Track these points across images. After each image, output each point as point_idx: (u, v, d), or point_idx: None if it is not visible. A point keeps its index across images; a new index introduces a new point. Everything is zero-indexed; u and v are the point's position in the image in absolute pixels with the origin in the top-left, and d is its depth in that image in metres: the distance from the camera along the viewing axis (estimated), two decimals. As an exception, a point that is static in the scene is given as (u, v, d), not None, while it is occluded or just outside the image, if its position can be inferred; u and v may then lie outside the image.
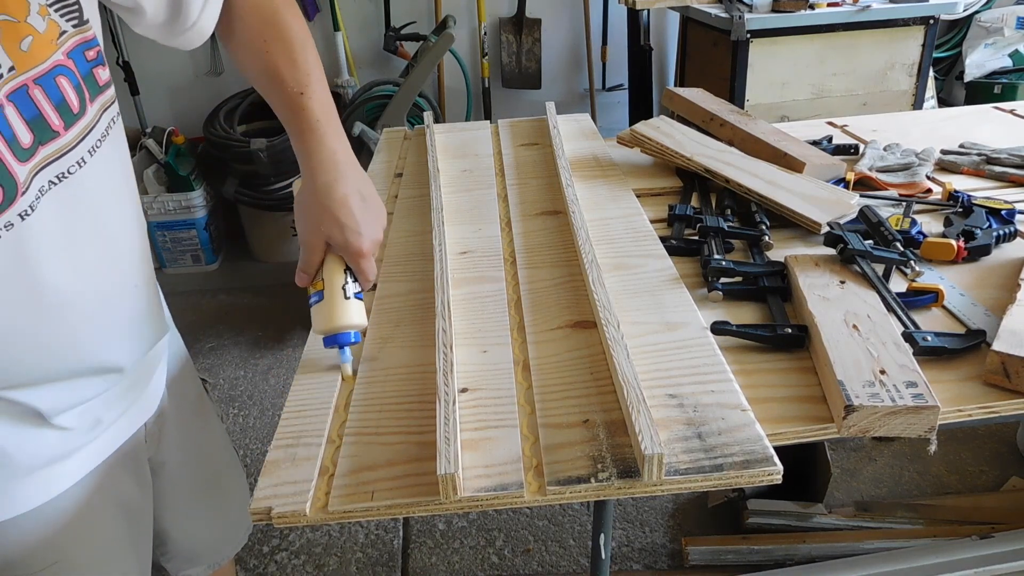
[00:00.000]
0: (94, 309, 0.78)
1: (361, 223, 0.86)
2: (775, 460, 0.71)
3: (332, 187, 0.85)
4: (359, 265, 0.87)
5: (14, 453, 0.76)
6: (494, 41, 3.69)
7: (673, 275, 1.05)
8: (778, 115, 2.81)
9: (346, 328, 0.88)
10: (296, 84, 0.86)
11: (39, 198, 0.68)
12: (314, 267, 0.88)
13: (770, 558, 1.74)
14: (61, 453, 0.81)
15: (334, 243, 0.86)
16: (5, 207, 0.64)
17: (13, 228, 0.65)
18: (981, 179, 1.45)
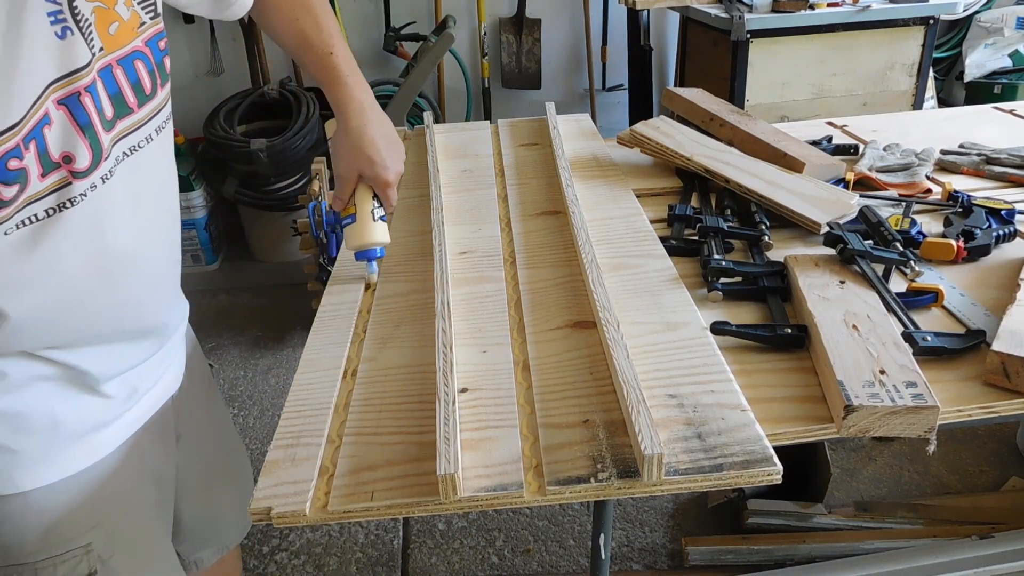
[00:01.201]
0: (150, 272, 0.86)
1: (387, 158, 1.04)
2: (775, 460, 0.71)
3: (363, 130, 1.03)
4: (385, 193, 1.06)
5: (64, 419, 0.83)
6: (494, 41, 3.69)
7: (673, 275, 1.05)
8: (778, 115, 2.81)
9: (375, 244, 1.07)
10: (324, 46, 1.02)
11: (116, 166, 0.76)
12: (348, 195, 1.07)
13: (770, 558, 1.74)
14: (103, 421, 0.88)
15: (364, 175, 1.05)
16: (92, 170, 0.72)
17: (95, 191, 0.73)
18: (981, 179, 1.45)
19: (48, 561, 0.85)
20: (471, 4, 3.59)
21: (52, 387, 0.82)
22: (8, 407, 0.80)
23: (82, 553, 0.87)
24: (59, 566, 0.86)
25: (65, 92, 0.69)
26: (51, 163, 0.69)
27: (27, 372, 0.80)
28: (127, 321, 0.86)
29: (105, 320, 0.83)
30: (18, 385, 0.80)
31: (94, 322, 0.82)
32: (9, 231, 0.69)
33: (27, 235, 0.70)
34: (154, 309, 0.91)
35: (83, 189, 0.72)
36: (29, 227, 0.70)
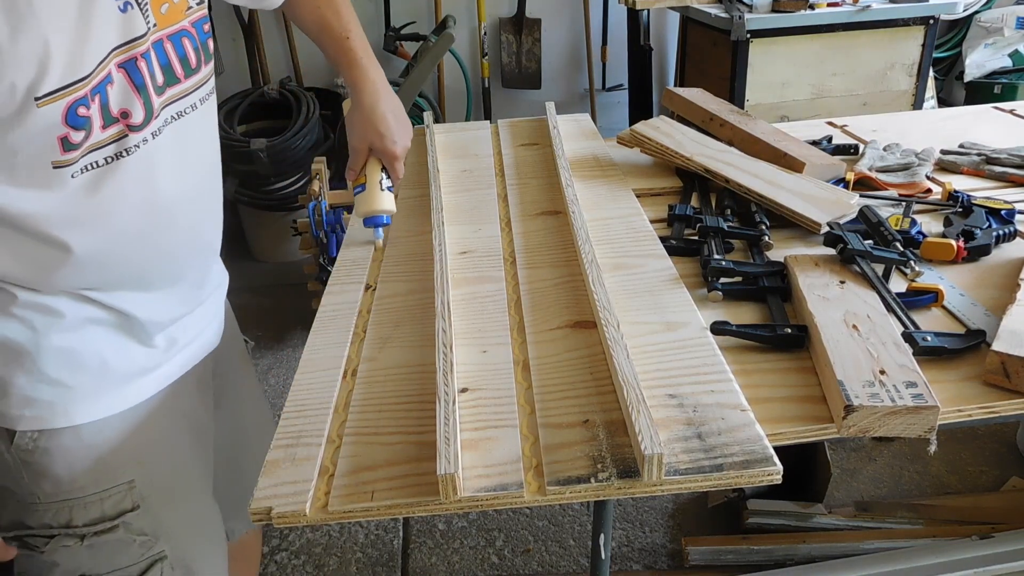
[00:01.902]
0: (190, 225, 0.96)
1: (396, 133, 1.16)
2: (775, 460, 0.71)
3: (375, 107, 1.14)
4: (393, 165, 1.18)
5: (112, 361, 0.93)
6: (494, 41, 3.69)
7: (673, 275, 1.05)
8: (778, 115, 2.81)
9: (382, 212, 1.18)
10: (342, 30, 1.14)
11: (164, 126, 0.87)
12: (359, 166, 1.18)
13: (770, 558, 1.74)
14: (146, 367, 0.97)
15: (375, 148, 1.16)
16: (144, 126, 0.84)
17: (147, 144, 0.85)
18: (981, 179, 1.45)
19: (95, 496, 0.93)
20: (471, 4, 3.59)
21: (102, 331, 0.92)
22: (64, 344, 0.88)
23: (125, 489, 0.95)
24: (105, 500, 0.93)
25: (125, 57, 0.81)
26: (111, 117, 0.81)
27: (81, 314, 0.89)
28: (169, 268, 0.96)
29: (151, 264, 0.93)
30: (73, 325, 0.89)
31: (142, 265, 0.92)
32: (75, 174, 0.80)
33: (90, 179, 0.81)
34: (193, 262, 1.00)
35: (137, 142, 0.84)
36: (92, 172, 0.81)
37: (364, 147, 1.17)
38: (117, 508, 0.94)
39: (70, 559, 0.93)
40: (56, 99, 0.75)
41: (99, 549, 0.94)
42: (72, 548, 0.93)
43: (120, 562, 0.96)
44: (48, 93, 0.75)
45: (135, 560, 0.96)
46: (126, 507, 0.95)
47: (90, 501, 0.93)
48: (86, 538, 0.93)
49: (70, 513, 0.92)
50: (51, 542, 0.93)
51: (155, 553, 0.98)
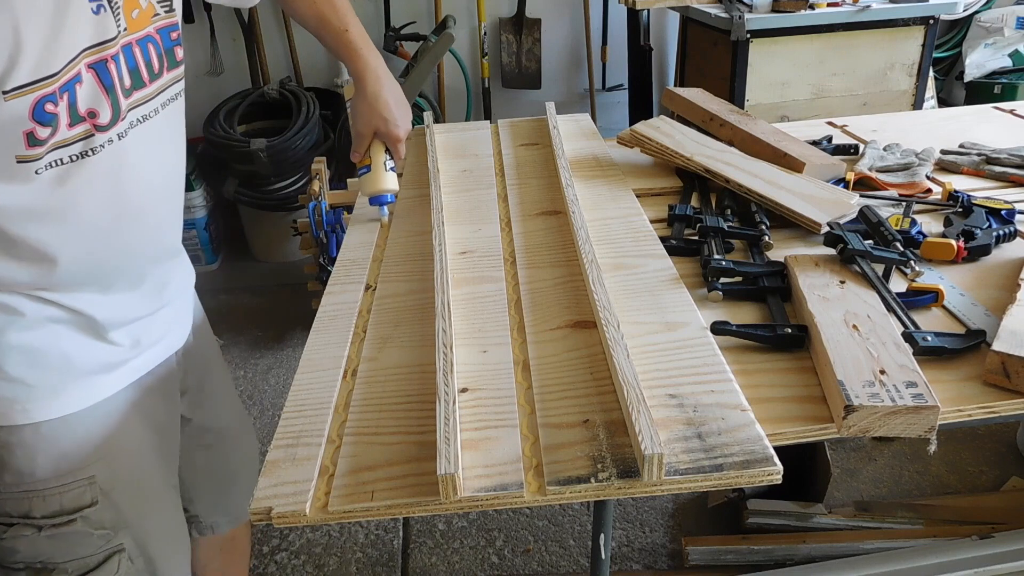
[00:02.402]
0: (153, 225, 0.98)
1: (398, 118, 1.23)
2: (775, 460, 0.71)
3: (378, 94, 1.21)
4: (395, 148, 1.26)
5: (75, 358, 0.94)
6: (494, 41, 3.69)
7: (673, 275, 1.05)
8: (778, 115, 2.81)
9: (385, 191, 1.27)
10: (340, 23, 1.20)
11: (129, 129, 0.89)
12: (364, 150, 1.26)
13: (770, 558, 1.74)
14: (109, 364, 0.98)
15: (379, 132, 1.24)
16: (111, 126, 0.86)
17: (112, 145, 0.87)
18: (981, 179, 1.45)
19: (55, 489, 0.94)
20: (471, 4, 3.59)
21: (63, 329, 0.93)
22: (25, 342, 0.90)
23: (86, 484, 0.96)
24: (65, 494, 0.95)
25: (95, 58, 0.83)
26: (78, 116, 0.82)
27: (41, 313, 0.90)
28: (131, 268, 0.97)
29: (113, 264, 0.94)
30: (33, 324, 0.90)
31: (104, 264, 0.93)
32: (40, 170, 0.81)
33: (56, 176, 0.83)
34: (155, 263, 1.02)
35: (103, 142, 0.85)
36: (58, 168, 0.83)
37: (369, 131, 1.24)
38: (76, 503, 0.96)
39: (29, 547, 0.95)
40: (24, 94, 0.76)
41: (58, 539, 0.96)
42: (30, 537, 0.95)
43: (78, 552, 0.98)
44: (16, 87, 0.76)
45: (93, 551, 0.98)
46: (84, 503, 0.96)
47: (49, 494, 0.94)
48: (44, 529, 0.95)
49: (29, 504, 0.94)
50: (10, 530, 0.95)
51: (114, 546, 1.00)
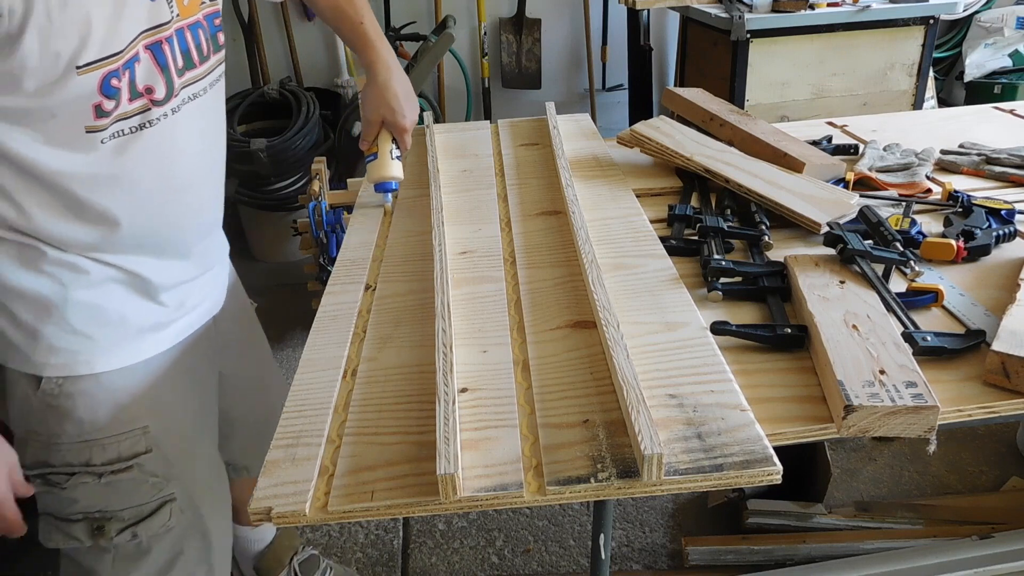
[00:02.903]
0: (202, 194, 1.09)
1: (405, 108, 1.29)
2: (775, 460, 0.71)
3: (387, 84, 1.27)
4: (402, 137, 1.31)
5: (130, 316, 1.03)
6: (494, 41, 3.69)
7: (673, 275, 1.05)
8: (778, 115, 2.81)
9: (391, 178, 1.32)
10: (356, 15, 1.27)
11: (182, 104, 0.99)
12: (372, 138, 1.32)
13: (770, 558, 1.74)
14: (159, 323, 1.07)
15: (386, 121, 1.29)
16: (166, 101, 0.96)
17: (167, 118, 0.97)
18: (981, 179, 1.45)
19: (114, 438, 1.03)
20: (471, 4, 3.59)
21: (121, 289, 1.02)
22: (88, 299, 0.99)
23: (140, 433, 1.05)
24: (122, 442, 1.03)
25: (152, 39, 0.93)
26: (137, 91, 0.92)
27: (102, 274, 1.00)
28: (179, 235, 1.06)
29: (164, 229, 1.03)
30: (96, 283, 0.99)
31: (156, 230, 1.02)
32: (105, 140, 0.91)
33: (117, 145, 0.93)
34: (200, 229, 1.11)
35: (158, 115, 0.95)
36: (119, 139, 0.93)
37: (377, 120, 1.30)
38: (132, 450, 1.04)
39: (88, 496, 1.03)
40: (94, 69, 0.86)
41: (115, 487, 1.04)
42: (90, 485, 1.02)
43: (133, 500, 1.05)
44: (87, 63, 0.85)
45: (147, 499, 1.06)
46: (140, 450, 1.05)
47: (108, 443, 1.03)
48: (103, 476, 1.03)
49: (90, 453, 1.02)
50: (71, 479, 1.02)
51: (165, 494, 1.08)
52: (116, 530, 1.05)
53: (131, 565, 1.09)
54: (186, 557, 1.13)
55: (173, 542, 1.11)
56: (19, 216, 0.93)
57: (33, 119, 0.87)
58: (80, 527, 1.04)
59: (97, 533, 1.05)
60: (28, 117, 0.87)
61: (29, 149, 0.88)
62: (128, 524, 1.06)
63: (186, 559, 1.13)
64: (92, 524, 1.04)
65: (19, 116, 0.86)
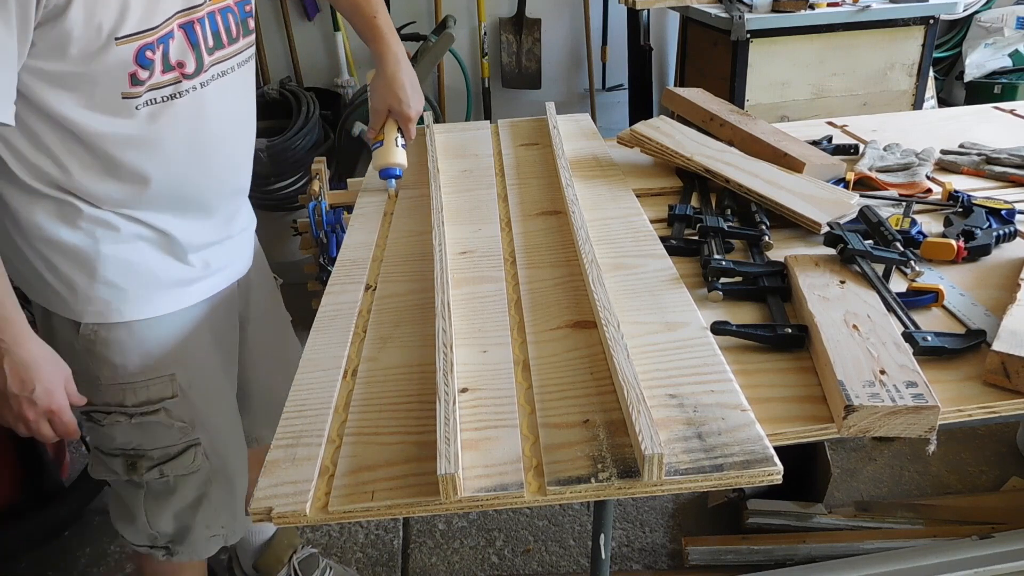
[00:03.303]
0: (227, 162, 1.17)
1: (411, 99, 1.36)
2: (775, 460, 0.71)
3: (395, 76, 1.35)
4: (407, 126, 1.39)
5: (157, 272, 1.13)
6: (494, 41, 3.69)
7: (673, 275, 1.05)
8: (778, 115, 2.81)
9: (396, 165, 1.38)
10: (370, 10, 1.35)
11: (210, 80, 1.08)
12: (379, 126, 1.39)
13: (770, 558, 1.73)
14: (185, 280, 1.17)
15: (393, 111, 1.37)
16: (195, 75, 1.06)
17: (196, 91, 1.07)
18: (981, 179, 1.45)
19: (143, 382, 1.14)
20: (471, 4, 3.59)
21: (149, 246, 1.12)
22: (119, 253, 1.09)
23: (167, 379, 1.16)
24: (151, 387, 1.15)
25: (185, 19, 1.03)
26: (169, 65, 1.02)
27: (132, 230, 1.09)
28: (204, 199, 1.15)
29: (189, 192, 1.12)
30: (126, 238, 1.09)
31: (182, 191, 1.11)
32: (140, 106, 1.01)
33: (151, 112, 1.03)
34: (224, 196, 1.20)
35: (188, 88, 1.05)
36: (152, 106, 1.03)
37: (384, 109, 1.37)
38: (160, 394, 1.16)
39: (123, 434, 1.16)
40: (130, 41, 0.96)
41: (145, 428, 1.16)
42: (123, 424, 1.15)
43: (162, 442, 1.18)
44: (125, 35, 0.95)
45: (174, 442, 1.19)
46: (167, 395, 1.16)
47: (139, 386, 1.14)
48: (134, 417, 1.15)
49: (123, 395, 1.14)
50: (108, 417, 1.15)
51: (190, 439, 1.20)
52: (146, 467, 1.18)
53: (161, 502, 1.23)
54: (211, 500, 1.26)
55: (198, 485, 1.24)
56: (61, 173, 1.03)
57: (76, 84, 0.97)
58: (118, 461, 1.19)
59: (131, 468, 1.18)
60: (72, 82, 0.96)
61: (72, 112, 0.98)
62: (157, 463, 1.18)
63: (211, 502, 1.26)
64: (127, 460, 1.18)
65: (65, 81, 0.96)
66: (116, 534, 1.31)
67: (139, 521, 1.24)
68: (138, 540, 1.27)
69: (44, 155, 1.01)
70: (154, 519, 1.24)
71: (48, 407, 1.04)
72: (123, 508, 1.26)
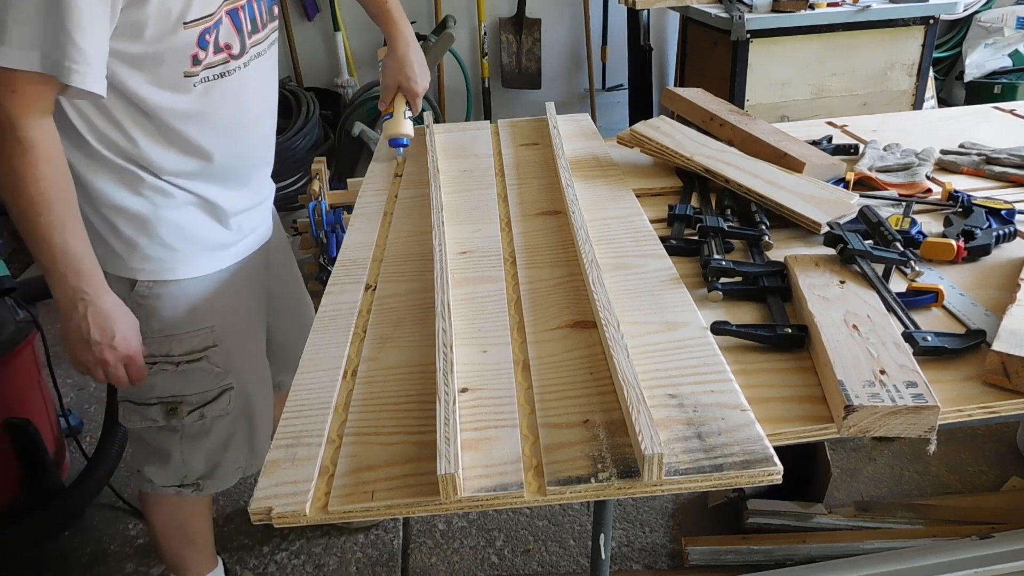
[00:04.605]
0: (261, 136, 1.32)
1: (419, 76, 1.53)
2: (775, 460, 0.71)
3: (405, 55, 1.52)
4: (414, 100, 1.55)
5: (204, 235, 1.26)
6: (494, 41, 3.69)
7: (673, 275, 1.05)
8: (778, 115, 2.81)
9: (403, 135, 1.55)
10: None
11: (250, 60, 1.22)
12: (390, 100, 1.55)
13: (770, 558, 1.74)
14: (225, 243, 1.30)
15: (402, 87, 1.53)
16: (240, 56, 1.20)
17: (239, 71, 1.20)
18: (981, 179, 1.45)
19: (188, 333, 1.27)
20: (471, 4, 3.59)
21: (199, 211, 1.25)
22: (173, 218, 1.22)
23: (208, 331, 1.29)
24: (194, 337, 1.28)
25: (231, 7, 1.16)
26: (219, 47, 1.16)
27: (185, 198, 1.23)
28: (246, 168, 1.30)
29: (236, 162, 1.27)
30: (180, 205, 1.23)
31: (231, 160, 1.25)
32: (196, 84, 1.15)
33: (204, 89, 1.16)
34: (258, 166, 1.34)
35: (235, 67, 1.19)
36: (206, 83, 1.16)
37: (394, 85, 1.53)
38: (202, 344, 1.28)
39: (165, 382, 1.27)
40: (196, 25, 1.10)
41: (187, 375, 1.28)
42: (168, 372, 1.27)
43: (201, 387, 1.30)
44: (192, 20, 1.09)
45: (211, 387, 1.31)
46: (208, 344, 1.29)
47: (184, 337, 1.27)
48: (180, 365, 1.27)
49: (169, 345, 1.26)
50: (153, 367, 1.25)
51: (225, 383, 1.32)
52: (187, 411, 1.30)
53: (195, 443, 1.34)
54: (237, 439, 1.38)
55: (228, 425, 1.36)
56: (128, 144, 1.15)
57: (147, 63, 1.09)
58: (156, 409, 1.29)
59: (171, 414, 1.29)
60: (144, 61, 1.08)
61: (140, 88, 1.10)
62: (196, 407, 1.30)
63: (237, 440, 1.38)
64: (166, 407, 1.29)
65: (137, 61, 1.08)
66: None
67: (173, 462, 1.35)
68: (168, 481, 1.37)
69: (114, 127, 1.13)
70: (189, 459, 1.35)
71: (127, 353, 1.16)
72: (154, 453, 1.35)
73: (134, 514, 1.99)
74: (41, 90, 1.00)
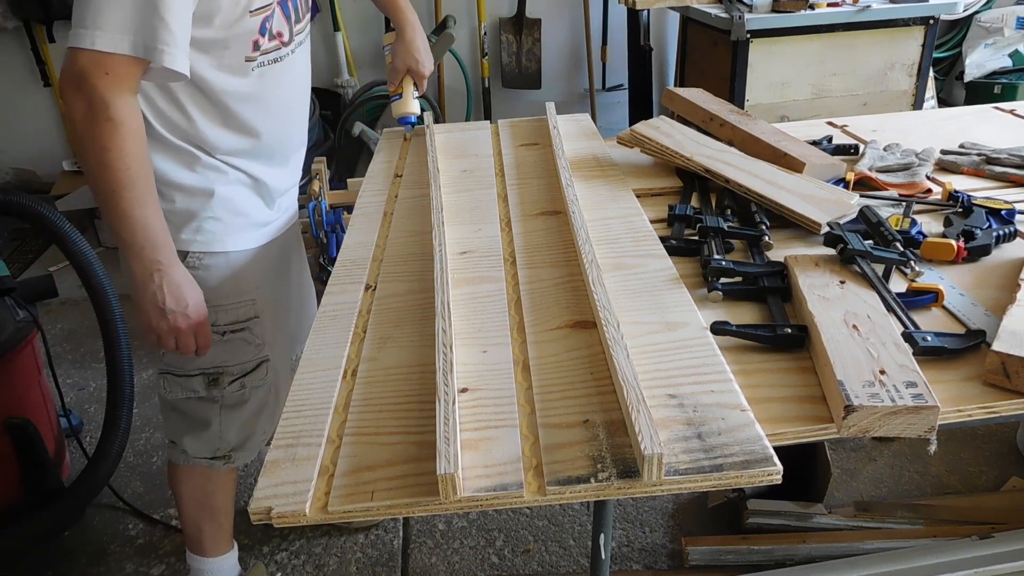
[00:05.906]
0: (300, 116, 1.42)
1: (425, 60, 1.67)
2: (775, 460, 0.71)
3: (413, 40, 1.64)
4: (421, 82, 1.70)
5: (250, 212, 1.35)
6: (494, 41, 3.69)
7: (673, 275, 1.05)
8: (778, 115, 2.81)
9: (411, 113, 1.72)
10: None
11: (296, 47, 1.32)
12: (398, 81, 1.69)
13: (770, 558, 1.73)
14: (267, 220, 1.39)
15: (410, 70, 1.67)
16: (289, 43, 1.30)
17: (288, 57, 1.30)
18: (981, 179, 1.45)
19: (233, 303, 1.34)
20: (471, 4, 3.59)
21: (247, 189, 1.34)
22: (226, 194, 1.30)
23: (250, 303, 1.36)
24: (239, 308, 1.35)
25: None
26: (273, 35, 1.25)
27: (236, 177, 1.31)
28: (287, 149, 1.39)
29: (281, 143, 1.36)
30: (232, 182, 1.31)
31: (278, 142, 1.35)
32: (254, 68, 1.24)
33: (260, 72, 1.25)
34: (295, 148, 1.43)
35: (285, 53, 1.29)
36: (262, 67, 1.25)
37: (403, 68, 1.66)
38: (246, 315, 1.35)
39: (209, 351, 1.29)
40: (259, 13, 1.18)
41: (230, 345, 1.35)
42: (213, 342, 1.29)
43: (241, 358, 1.37)
44: (256, 8, 1.17)
45: (251, 358, 1.38)
46: (251, 315, 1.36)
47: (230, 307, 1.33)
48: (225, 335, 1.34)
49: (216, 315, 1.30)
50: None
51: (263, 355, 1.39)
52: (228, 381, 1.36)
53: (233, 413, 1.40)
54: (268, 409, 1.44)
55: (263, 395, 1.42)
56: (188, 125, 1.22)
57: (214, 48, 1.16)
58: (197, 380, 1.35)
59: (212, 384, 1.36)
60: (211, 47, 1.16)
61: (206, 72, 1.18)
62: (236, 377, 1.37)
63: (268, 410, 1.44)
64: (208, 377, 1.35)
65: (206, 45, 1.15)
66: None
67: (210, 432, 1.40)
68: (202, 452, 1.42)
69: (176, 108, 1.21)
70: (226, 429, 1.40)
71: (198, 320, 1.22)
72: (191, 423, 1.40)
73: (134, 514, 1.99)
74: (132, 71, 1.06)
